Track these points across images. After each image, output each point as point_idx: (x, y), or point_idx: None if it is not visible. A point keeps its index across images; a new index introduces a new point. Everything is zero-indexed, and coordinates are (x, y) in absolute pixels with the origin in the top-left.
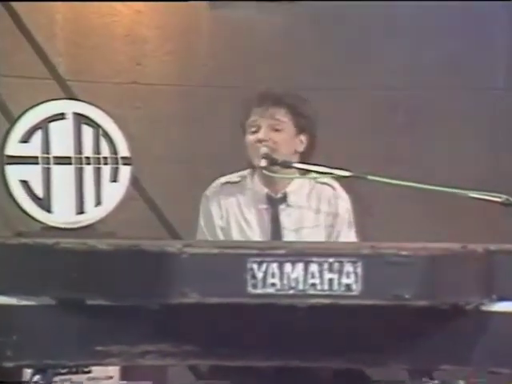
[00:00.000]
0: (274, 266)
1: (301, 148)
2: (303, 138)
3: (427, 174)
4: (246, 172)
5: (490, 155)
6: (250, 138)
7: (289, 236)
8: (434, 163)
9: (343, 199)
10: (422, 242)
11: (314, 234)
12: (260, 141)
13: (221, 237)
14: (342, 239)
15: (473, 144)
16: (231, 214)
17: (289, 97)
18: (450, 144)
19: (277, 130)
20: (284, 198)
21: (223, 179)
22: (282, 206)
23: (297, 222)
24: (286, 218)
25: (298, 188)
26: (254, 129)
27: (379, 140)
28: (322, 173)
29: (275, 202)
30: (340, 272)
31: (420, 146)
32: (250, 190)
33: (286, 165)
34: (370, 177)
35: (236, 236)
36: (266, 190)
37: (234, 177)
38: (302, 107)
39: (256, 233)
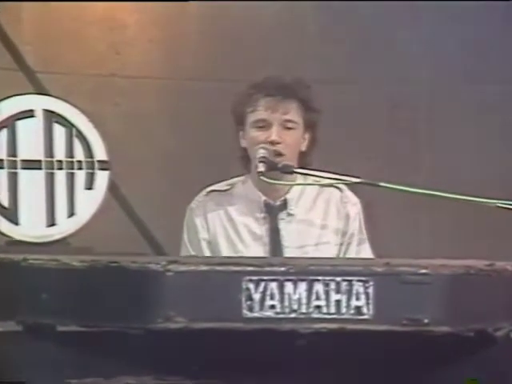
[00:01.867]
0: (273, 285)
1: (303, 147)
2: (307, 135)
3: (449, 181)
4: (236, 179)
5: None
6: (256, 134)
7: (290, 252)
8: (457, 167)
9: (353, 203)
10: (443, 259)
11: (319, 248)
12: (272, 142)
13: (206, 252)
14: (353, 249)
15: (500, 145)
16: (219, 227)
17: (300, 88)
18: (474, 146)
19: (289, 129)
20: (284, 206)
21: (209, 188)
22: (281, 215)
23: (299, 234)
24: (287, 228)
25: (300, 194)
26: (261, 124)
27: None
28: (328, 179)
29: (274, 211)
30: (349, 293)
31: (441, 148)
32: (243, 198)
33: (288, 170)
34: (382, 184)
35: (225, 251)
36: (263, 198)
37: (222, 185)
38: (312, 100)
39: (250, 246)
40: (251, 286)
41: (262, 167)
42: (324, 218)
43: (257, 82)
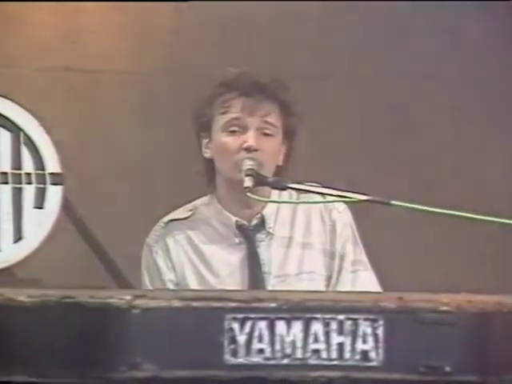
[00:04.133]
0: (262, 325)
1: (280, 161)
2: (284, 147)
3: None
4: (198, 202)
5: None
6: (228, 140)
7: (274, 279)
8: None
9: (339, 210)
10: (468, 293)
11: (305, 269)
12: (249, 149)
13: None
14: (348, 263)
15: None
16: (186, 263)
17: (280, 89)
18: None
19: (267, 135)
20: (262, 224)
21: (167, 217)
22: (260, 236)
23: (283, 257)
24: (267, 252)
25: (277, 207)
26: (235, 128)
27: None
28: (330, 195)
29: (250, 233)
30: (354, 334)
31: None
32: (210, 223)
33: (281, 186)
34: (394, 202)
35: None
36: (234, 219)
37: (181, 211)
38: (292, 103)
39: (225, 281)
40: (235, 325)
41: (249, 182)
42: (307, 231)
43: (227, 79)
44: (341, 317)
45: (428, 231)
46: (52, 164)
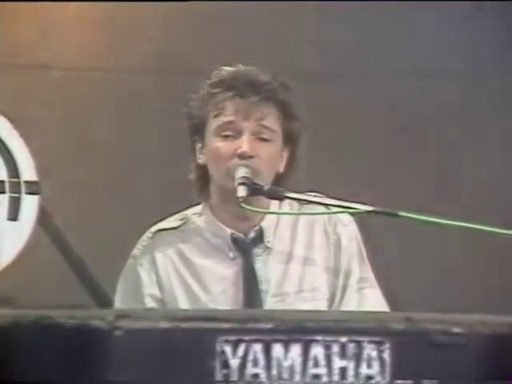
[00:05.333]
0: (258, 347)
1: (281, 168)
2: (285, 153)
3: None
4: (189, 211)
5: None
6: (220, 145)
7: (272, 299)
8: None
9: (344, 223)
10: (481, 314)
11: (305, 288)
12: (242, 155)
13: None
14: (354, 280)
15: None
16: (174, 277)
17: (279, 89)
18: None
19: (264, 140)
20: (259, 238)
21: (155, 227)
22: (257, 251)
23: (282, 274)
24: (265, 268)
25: (277, 220)
26: (228, 132)
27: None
28: (332, 206)
29: (247, 247)
30: (358, 357)
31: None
32: (202, 235)
33: (278, 195)
34: (401, 213)
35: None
36: (229, 231)
37: (171, 221)
38: (294, 105)
39: (218, 299)
40: (228, 348)
41: (242, 191)
42: (309, 246)
43: (221, 78)
44: (343, 339)
45: (438, 245)
46: (27, 171)
